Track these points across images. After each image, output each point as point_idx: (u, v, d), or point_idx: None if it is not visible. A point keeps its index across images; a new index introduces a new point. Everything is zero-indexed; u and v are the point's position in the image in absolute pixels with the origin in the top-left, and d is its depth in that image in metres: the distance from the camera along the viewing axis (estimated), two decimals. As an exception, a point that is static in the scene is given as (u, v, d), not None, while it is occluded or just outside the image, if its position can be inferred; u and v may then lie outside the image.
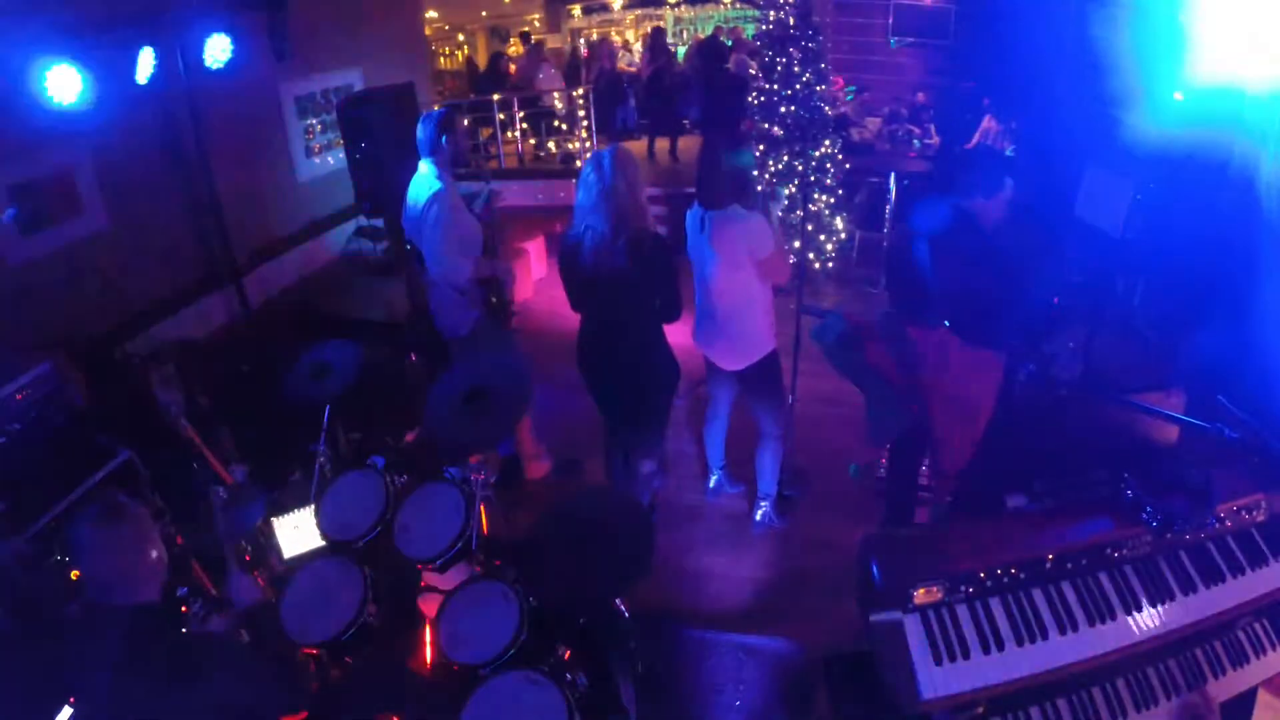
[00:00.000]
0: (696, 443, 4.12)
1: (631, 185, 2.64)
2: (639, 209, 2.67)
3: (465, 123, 8.29)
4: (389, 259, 5.65)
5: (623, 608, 2.47)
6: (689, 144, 8.40)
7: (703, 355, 3.28)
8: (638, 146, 9.13)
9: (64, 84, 3.35)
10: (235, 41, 4.39)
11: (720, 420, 3.54)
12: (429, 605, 2.35)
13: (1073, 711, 1.70)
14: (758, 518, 3.51)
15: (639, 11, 15.92)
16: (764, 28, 5.84)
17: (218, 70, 4.39)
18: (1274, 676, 1.80)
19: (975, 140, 7.15)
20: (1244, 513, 1.84)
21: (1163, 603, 1.73)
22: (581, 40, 13.60)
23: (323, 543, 2.46)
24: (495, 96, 8.43)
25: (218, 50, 4.31)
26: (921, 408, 2.73)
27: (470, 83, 10.62)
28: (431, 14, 12.67)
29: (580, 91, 8.82)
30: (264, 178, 5.54)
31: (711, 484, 3.75)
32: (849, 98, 8.16)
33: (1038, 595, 1.72)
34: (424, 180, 3.13)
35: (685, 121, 8.55)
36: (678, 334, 2.98)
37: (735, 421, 3.55)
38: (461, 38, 15.20)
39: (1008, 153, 6.57)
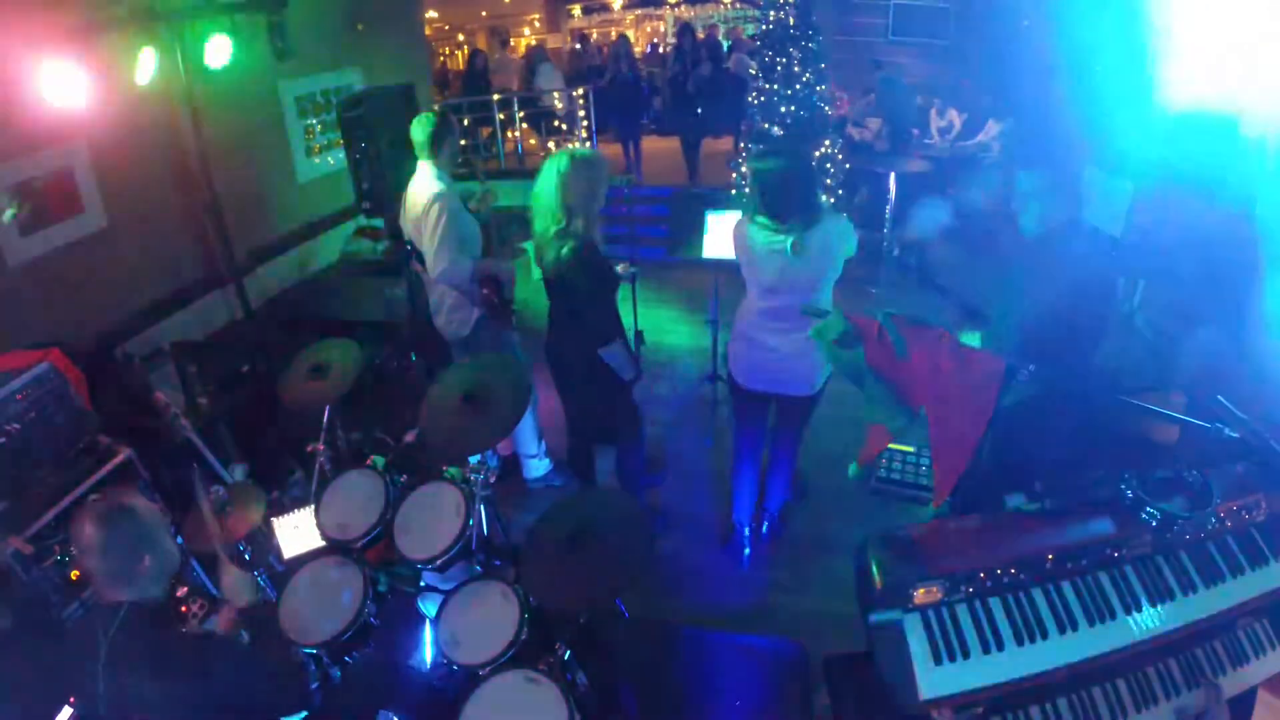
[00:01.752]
0: (697, 444, 4.13)
1: (580, 191, 2.61)
2: (585, 218, 2.65)
3: (465, 122, 8.33)
4: (389, 259, 5.65)
5: (623, 608, 2.47)
6: (712, 148, 8.26)
7: (740, 387, 2.98)
8: (654, 146, 9.06)
9: (64, 84, 3.35)
10: (235, 41, 4.39)
11: (756, 464, 3.21)
12: (429, 605, 2.36)
13: (1073, 711, 1.70)
14: (765, 530, 3.41)
15: (639, 11, 15.95)
16: (764, 28, 5.84)
17: (218, 70, 4.39)
18: (1274, 676, 1.80)
19: (979, 139, 7.16)
20: (1244, 513, 1.83)
21: (1163, 603, 1.73)
22: (578, 45, 13.58)
23: (323, 543, 2.46)
24: (495, 96, 8.43)
25: (218, 50, 4.32)
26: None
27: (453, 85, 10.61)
28: (431, 14, 12.69)
29: (580, 91, 8.80)
30: (264, 178, 5.54)
31: (732, 536, 3.38)
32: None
33: (1038, 595, 1.72)
34: (423, 180, 3.13)
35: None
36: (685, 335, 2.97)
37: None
38: (461, 37, 15.21)
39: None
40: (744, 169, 6.04)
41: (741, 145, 6.18)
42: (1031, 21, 6.30)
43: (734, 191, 6.18)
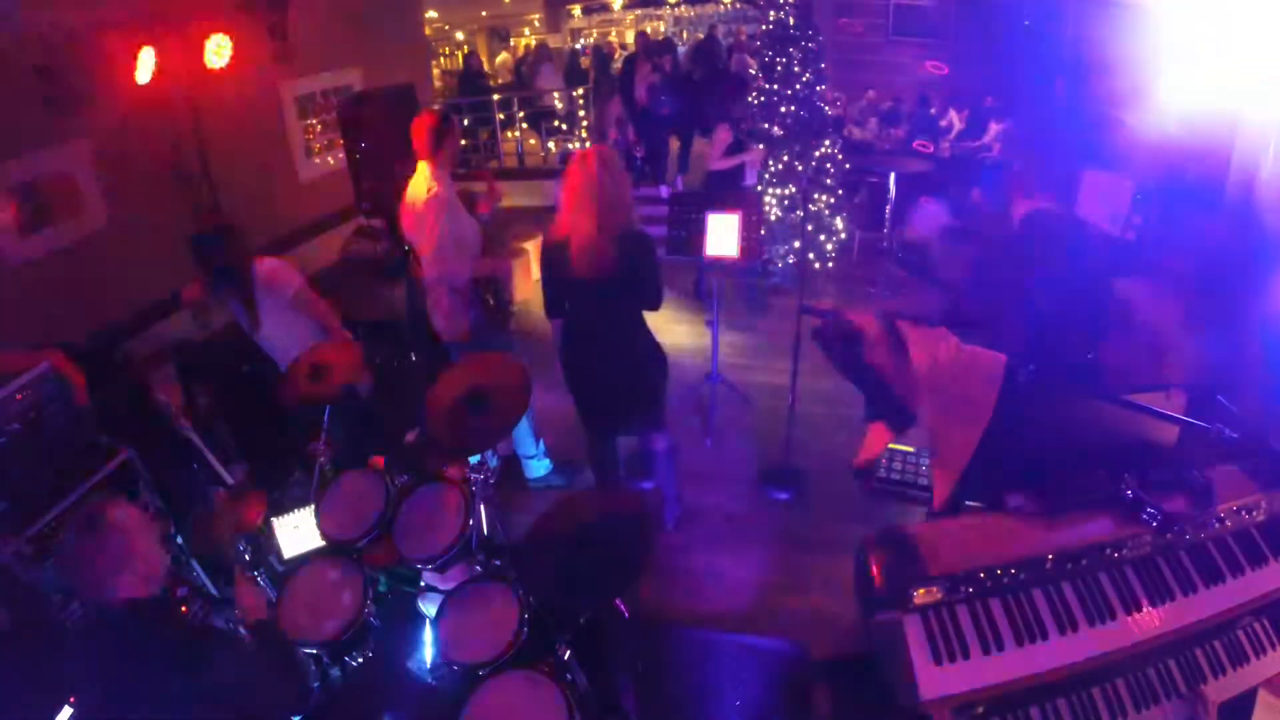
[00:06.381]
0: (696, 444, 4.13)
1: (617, 183, 2.64)
2: (625, 206, 2.67)
3: (465, 122, 8.33)
4: (389, 259, 5.65)
5: (623, 608, 2.47)
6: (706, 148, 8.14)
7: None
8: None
9: (65, 83, 3.35)
10: (235, 41, 4.39)
11: None
12: (429, 605, 2.36)
13: (1073, 711, 1.70)
14: None
15: (639, 11, 15.93)
16: (764, 28, 5.84)
17: (218, 70, 4.39)
18: (1274, 676, 1.80)
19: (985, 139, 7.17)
20: (1244, 513, 1.84)
21: (1163, 603, 1.74)
22: (580, 42, 13.58)
23: (323, 543, 2.46)
24: (495, 96, 8.43)
25: (218, 50, 4.32)
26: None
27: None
28: (431, 14, 12.69)
29: (580, 91, 8.80)
30: (264, 178, 5.54)
31: None
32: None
33: (1038, 595, 1.72)
34: (422, 181, 3.13)
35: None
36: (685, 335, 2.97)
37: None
38: (461, 37, 15.20)
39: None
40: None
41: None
42: (1032, 22, 6.31)
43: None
